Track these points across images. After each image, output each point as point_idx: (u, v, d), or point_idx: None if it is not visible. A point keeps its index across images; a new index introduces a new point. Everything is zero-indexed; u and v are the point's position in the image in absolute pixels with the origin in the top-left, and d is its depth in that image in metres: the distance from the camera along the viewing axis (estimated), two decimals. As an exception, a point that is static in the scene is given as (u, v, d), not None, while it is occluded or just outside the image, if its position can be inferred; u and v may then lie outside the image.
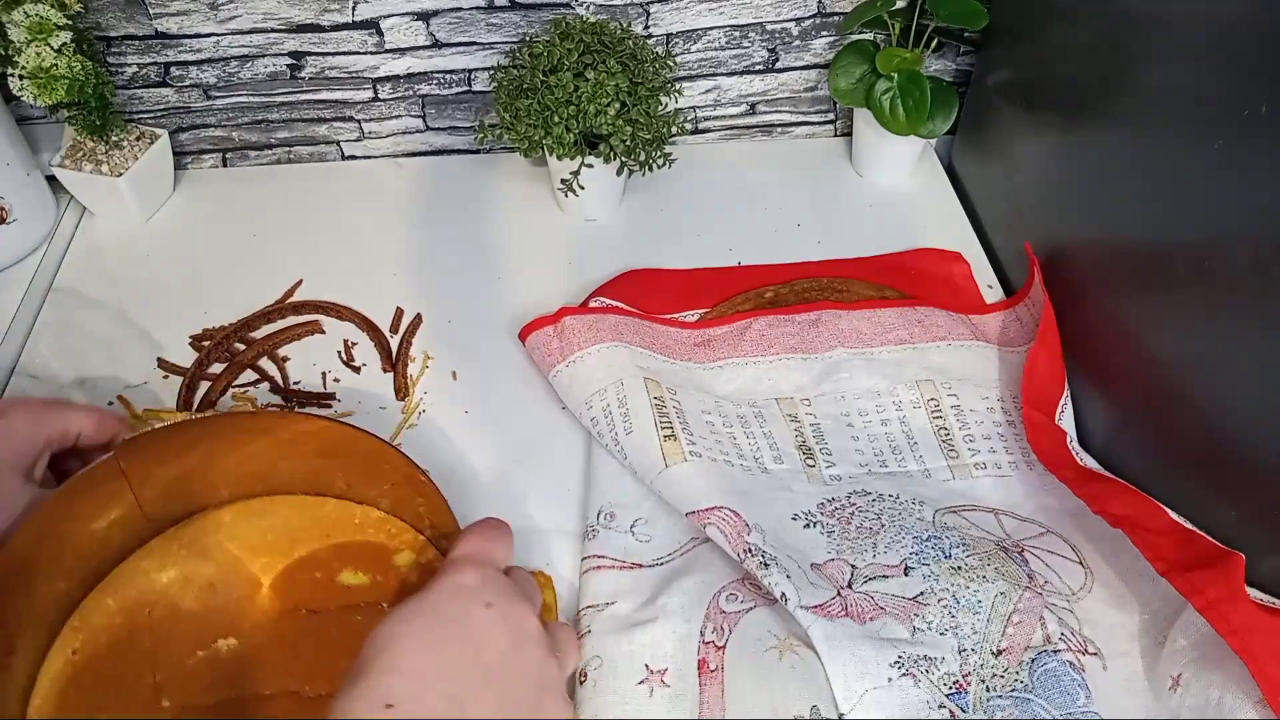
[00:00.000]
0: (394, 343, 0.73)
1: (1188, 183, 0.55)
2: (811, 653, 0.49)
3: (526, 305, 0.74)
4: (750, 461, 0.63)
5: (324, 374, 0.71)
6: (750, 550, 0.53)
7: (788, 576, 0.52)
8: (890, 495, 0.61)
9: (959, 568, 0.54)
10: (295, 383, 0.70)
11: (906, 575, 0.54)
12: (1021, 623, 0.52)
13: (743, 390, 0.68)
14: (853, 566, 0.55)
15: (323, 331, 0.73)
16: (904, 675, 0.49)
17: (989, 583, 0.54)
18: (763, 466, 0.63)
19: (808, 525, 0.58)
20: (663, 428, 0.61)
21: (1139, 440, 0.60)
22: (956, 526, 0.59)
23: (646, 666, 0.52)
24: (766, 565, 0.52)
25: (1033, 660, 0.51)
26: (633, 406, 0.62)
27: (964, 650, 0.51)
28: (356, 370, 0.71)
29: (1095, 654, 0.53)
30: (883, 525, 0.58)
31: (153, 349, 0.72)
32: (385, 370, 0.71)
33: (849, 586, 0.54)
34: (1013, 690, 0.50)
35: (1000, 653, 0.51)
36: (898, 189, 0.87)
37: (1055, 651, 0.52)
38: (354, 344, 0.72)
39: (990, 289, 0.78)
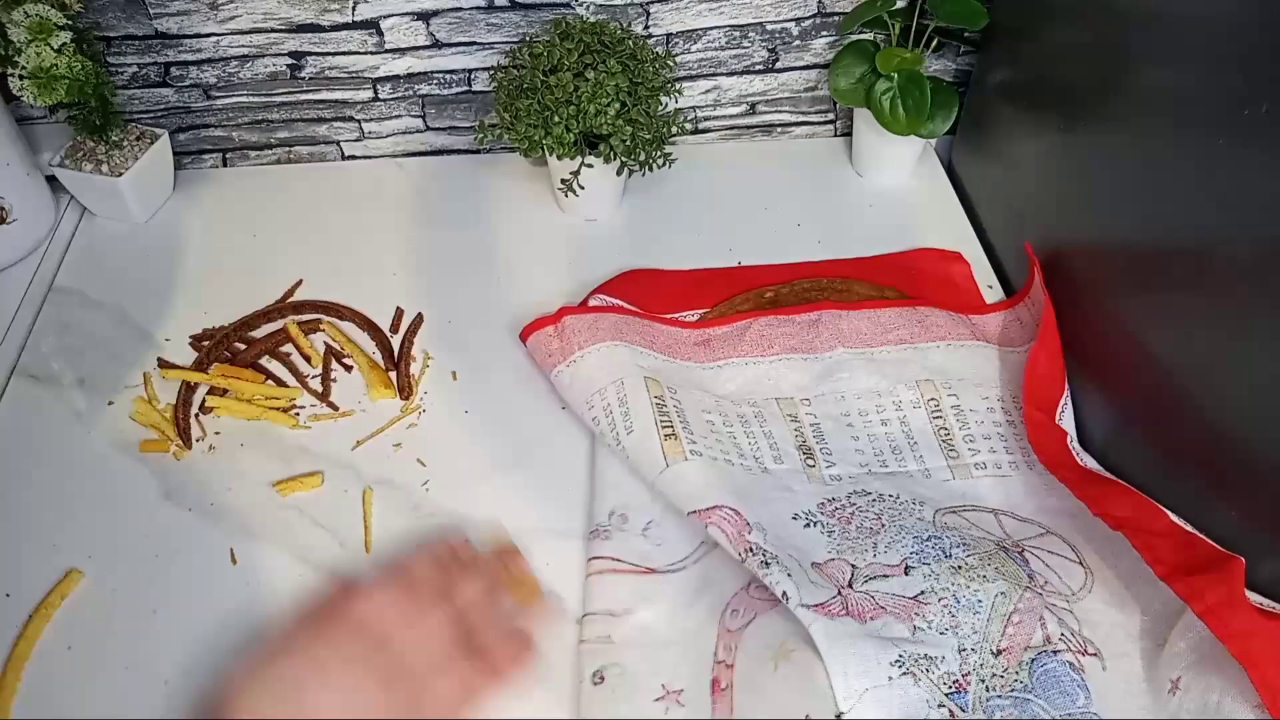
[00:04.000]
0: (394, 342, 0.73)
1: (1188, 183, 0.55)
2: (804, 658, 0.50)
3: (526, 305, 0.74)
4: (750, 461, 0.63)
5: (326, 362, 0.71)
6: (751, 549, 0.53)
7: (788, 575, 0.52)
8: (890, 495, 0.61)
9: (959, 567, 0.54)
10: (312, 376, 0.70)
11: (907, 575, 0.54)
12: (1021, 623, 0.52)
13: (743, 390, 0.68)
14: (853, 566, 0.55)
15: (322, 330, 0.73)
16: (904, 674, 0.49)
17: (989, 582, 0.54)
18: (763, 466, 0.63)
19: (808, 525, 0.58)
20: (663, 427, 0.61)
21: (1139, 440, 0.60)
22: (956, 527, 0.59)
23: (664, 686, 0.53)
24: (767, 564, 0.52)
25: (1032, 660, 0.51)
26: (633, 406, 0.62)
27: (964, 650, 0.51)
28: (348, 369, 0.71)
29: (1095, 654, 0.53)
30: (883, 525, 0.58)
31: (153, 349, 0.72)
32: (388, 369, 0.71)
33: (849, 586, 0.54)
34: (1012, 690, 0.50)
35: (1000, 652, 0.51)
36: (898, 189, 0.87)
37: (1055, 652, 0.52)
38: (344, 353, 0.72)
39: (990, 289, 0.78)
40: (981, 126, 0.83)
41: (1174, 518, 0.54)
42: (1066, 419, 0.64)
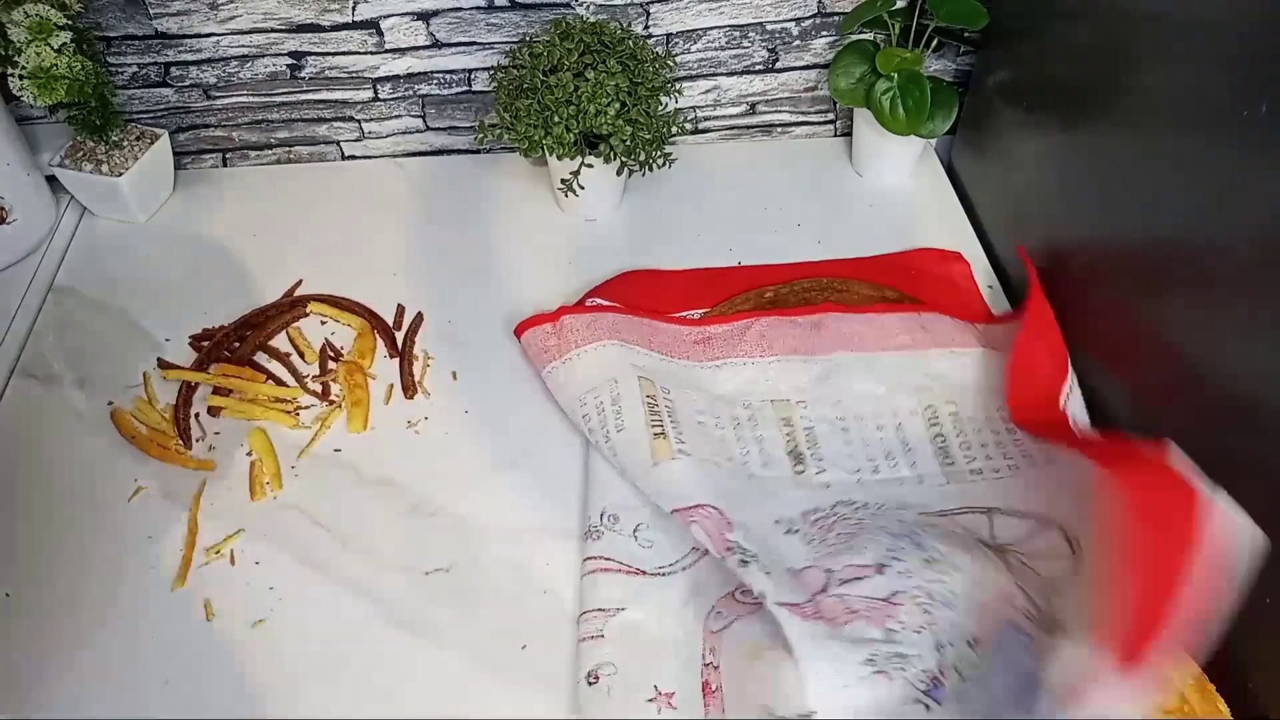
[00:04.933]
0: (397, 337, 0.73)
1: (1188, 183, 0.55)
2: (776, 657, 0.50)
3: (526, 305, 0.74)
4: (738, 466, 0.63)
5: (322, 349, 0.71)
6: (731, 548, 0.54)
7: (767, 574, 0.52)
8: (876, 504, 0.61)
9: (932, 559, 0.54)
10: (311, 377, 0.70)
11: (880, 574, 0.54)
12: (996, 609, 0.52)
13: (740, 390, 0.68)
14: (828, 571, 0.55)
15: (307, 315, 0.74)
16: (877, 673, 0.49)
17: (961, 572, 0.53)
18: (749, 471, 0.63)
19: (789, 532, 0.59)
20: (653, 425, 0.61)
21: (1142, 438, 0.60)
22: (936, 525, 0.58)
23: (656, 688, 0.53)
24: (746, 563, 0.53)
25: (999, 642, 0.51)
26: (625, 404, 0.63)
27: (941, 646, 0.51)
28: (337, 359, 0.71)
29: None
30: (861, 529, 0.58)
31: (153, 349, 0.72)
32: (390, 356, 0.71)
33: (823, 591, 0.54)
34: (981, 674, 0.50)
35: (976, 642, 0.51)
36: (898, 189, 0.87)
37: (1018, 627, 0.51)
38: (339, 345, 0.72)
39: (990, 289, 0.78)
40: (981, 126, 0.83)
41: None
42: (1074, 403, 0.63)
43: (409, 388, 0.69)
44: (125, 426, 0.66)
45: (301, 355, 0.71)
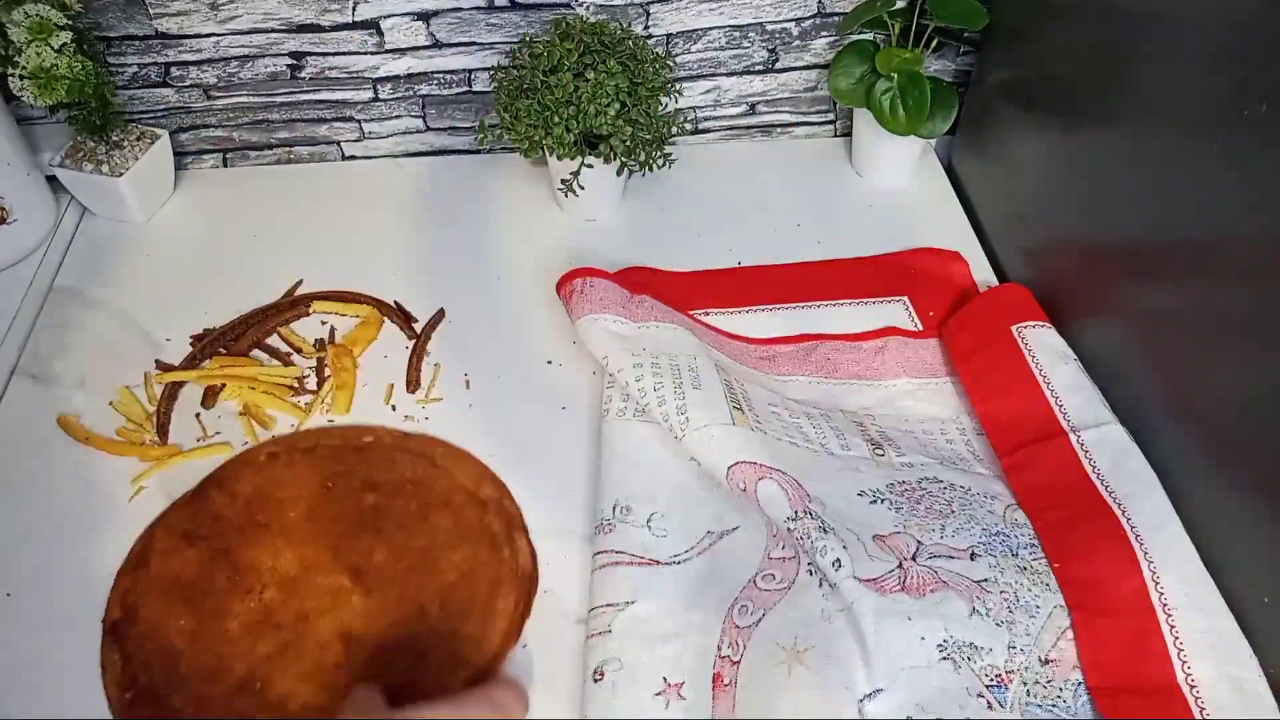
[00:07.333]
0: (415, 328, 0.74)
1: (1187, 182, 0.55)
2: (816, 658, 0.49)
3: (526, 305, 0.74)
4: (817, 446, 0.62)
5: (318, 344, 0.72)
6: (810, 513, 0.54)
7: (844, 547, 0.52)
8: (962, 486, 0.60)
9: (1025, 568, 0.54)
10: (306, 375, 0.70)
11: (973, 560, 0.54)
12: (1075, 642, 0.52)
13: (809, 399, 0.68)
14: (919, 541, 0.55)
15: (309, 314, 0.74)
16: (945, 659, 0.49)
17: (1051, 592, 0.53)
18: (829, 450, 0.62)
19: (875, 501, 0.58)
20: (732, 401, 0.62)
21: (1141, 441, 0.60)
22: (1026, 524, 0.58)
23: (665, 679, 0.53)
24: (825, 531, 0.53)
25: (1078, 685, 0.50)
26: (704, 375, 0.63)
27: (1013, 648, 0.50)
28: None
29: None
30: (953, 511, 0.57)
31: (153, 349, 0.72)
32: (410, 338, 0.72)
33: (912, 559, 0.53)
34: (1054, 705, 0.49)
35: (1048, 662, 0.51)
36: (898, 189, 0.87)
37: None
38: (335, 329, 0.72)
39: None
40: (981, 126, 0.83)
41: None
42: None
43: (412, 382, 0.69)
44: (76, 431, 0.66)
45: (299, 352, 0.71)
